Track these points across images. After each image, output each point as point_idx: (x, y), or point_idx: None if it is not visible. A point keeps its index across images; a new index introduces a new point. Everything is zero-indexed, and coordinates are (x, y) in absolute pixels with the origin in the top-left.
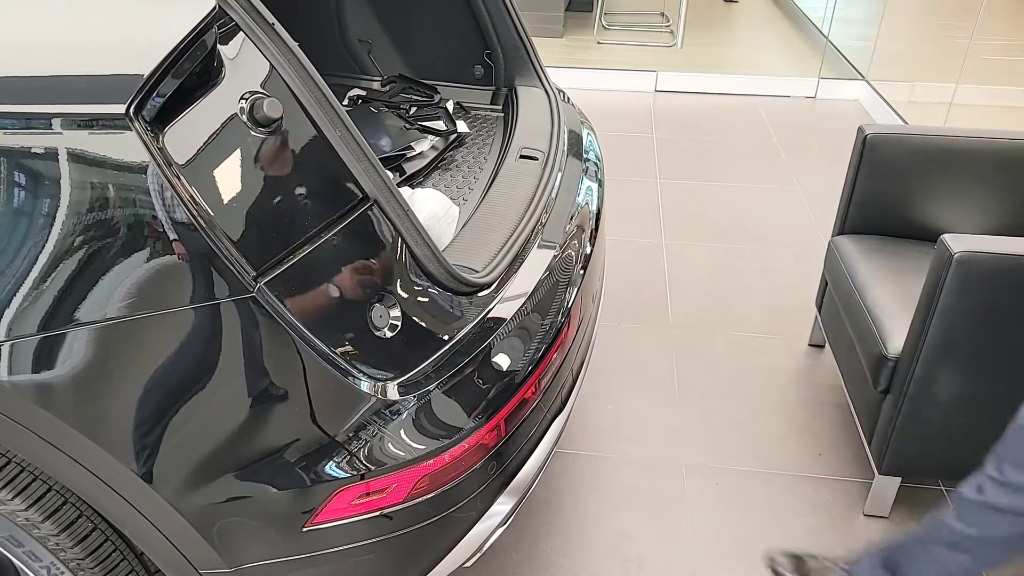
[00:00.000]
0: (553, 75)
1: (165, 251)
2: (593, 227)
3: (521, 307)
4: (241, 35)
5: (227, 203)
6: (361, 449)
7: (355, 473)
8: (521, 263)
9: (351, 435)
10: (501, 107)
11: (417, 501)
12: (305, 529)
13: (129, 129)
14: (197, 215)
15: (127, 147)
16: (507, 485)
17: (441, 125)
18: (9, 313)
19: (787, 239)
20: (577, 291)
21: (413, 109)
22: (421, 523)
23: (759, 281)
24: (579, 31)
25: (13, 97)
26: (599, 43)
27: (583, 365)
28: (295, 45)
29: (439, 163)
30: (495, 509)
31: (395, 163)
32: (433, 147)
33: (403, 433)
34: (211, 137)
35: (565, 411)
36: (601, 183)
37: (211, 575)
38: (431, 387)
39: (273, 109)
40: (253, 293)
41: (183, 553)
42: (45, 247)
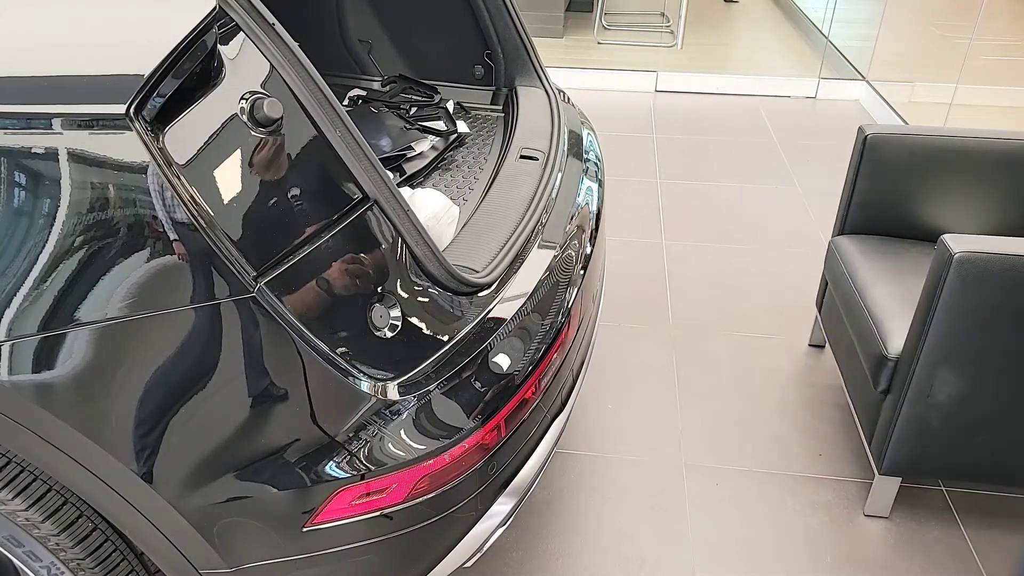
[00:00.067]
0: (553, 75)
1: (165, 251)
2: (593, 227)
3: (521, 307)
4: (241, 35)
5: (227, 203)
6: (361, 449)
7: (355, 473)
8: (521, 263)
9: (351, 435)
10: (501, 107)
11: (417, 501)
12: (305, 529)
13: (129, 129)
14: (197, 215)
15: (127, 147)
16: (507, 485)
17: (441, 125)
18: (9, 313)
19: (787, 239)
20: (577, 291)
21: (413, 109)
22: (421, 523)
23: (759, 281)
24: (579, 31)
25: (13, 97)
26: (599, 43)
27: (583, 365)
28: (295, 45)
29: (439, 163)
30: (495, 509)
31: (395, 163)
32: (433, 147)
33: (403, 433)
34: (211, 137)
35: (565, 411)
36: (601, 183)
37: (211, 575)
38: (431, 387)
39: (273, 109)
40: (253, 293)
41: (183, 553)
42: (45, 247)
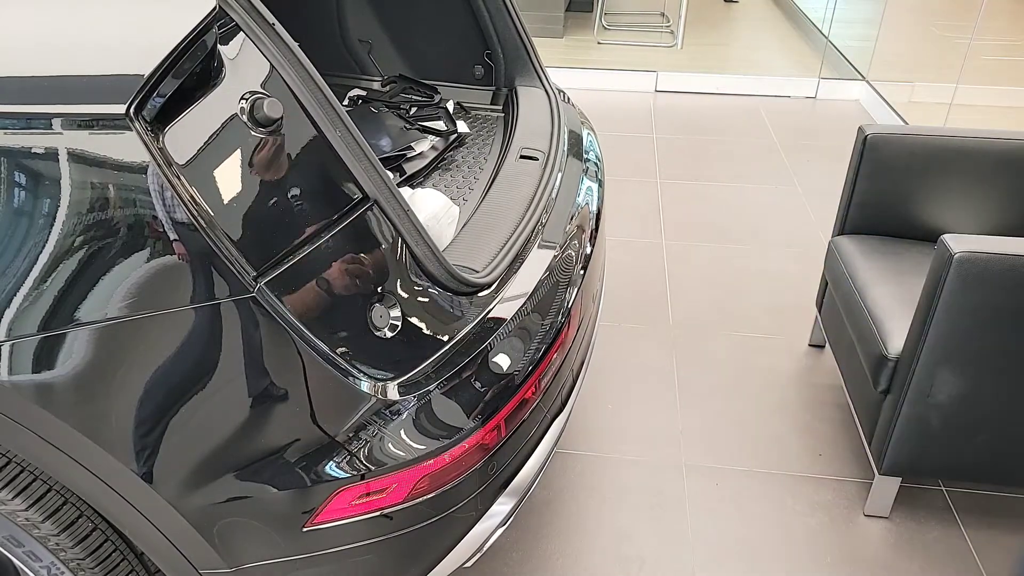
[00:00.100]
0: (553, 75)
1: (165, 251)
2: (593, 227)
3: (521, 307)
4: (241, 35)
5: (227, 203)
6: (361, 449)
7: (355, 473)
8: (521, 263)
9: (351, 435)
10: (501, 107)
11: (417, 501)
12: (305, 529)
13: (129, 129)
14: (197, 215)
15: (127, 147)
16: (507, 485)
17: (441, 125)
18: (9, 313)
19: (787, 239)
20: (577, 291)
21: (413, 109)
22: (421, 523)
23: (759, 281)
24: (579, 31)
25: (13, 97)
26: (599, 43)
27: (583, 365)
28: (295, 45)
29: (439, 163)
30: (495, 509)
31: (395, 163)
32: (433, 147)
33: (403, 433)
34: (211, 137)
35: (565, 411)
36: (601, 183)
37: (211, 575)
38: (431, 387)
39: (273, 109)
40: (253, 293)
41: (183, 553)
42: (45, 247)
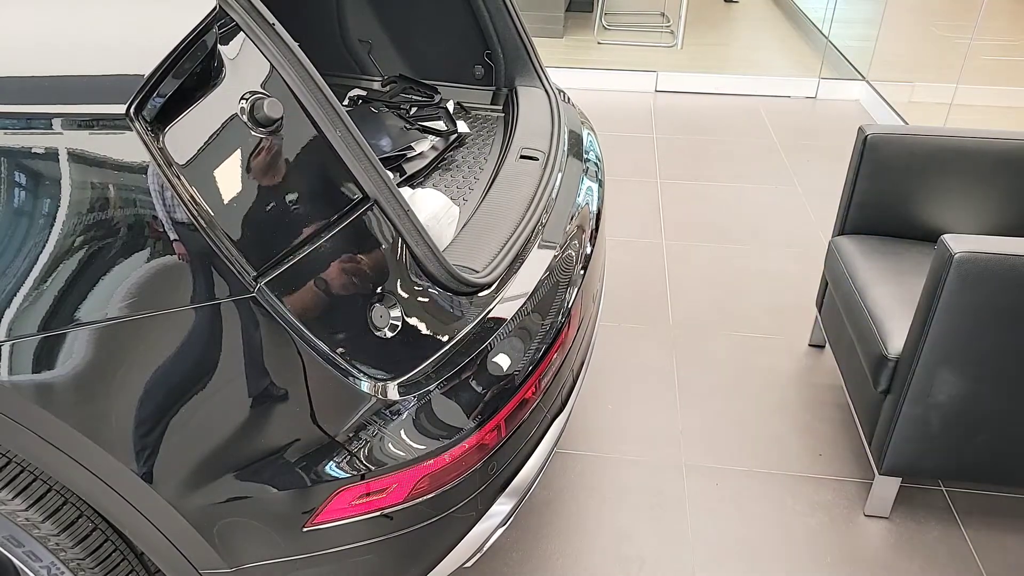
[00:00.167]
0: (553, 75)
1: (165, 251)
2: (593, 227)
3: (521, 307)
4: (241, 35)
5: (227, 203)
6: (361, 449)
7: (355, 473)
8: (521, 263)
9: (351, 435)
10: (501, 107)
11: (417, 501)
12: (305, 529)
13: (129, 129)
14: (197, 215)
15: (127, 147)
16: (507, 485)
17: (441, 125)
18: (10, 313)
19: (787, 239)
20: (577, 291)
21: (413, 109)
22: (421, 523)
23: (759, 281)
24: (579, 31)
25: (13, 97)
26: (599, 43)
27: (583, 365)
28: (295, 45)
29: (439, 163)
30: (495, 509)
31: (395, 163)
32: (433, 147)
33: (403, 433)
34: (211, 137)
35: (565, 411)
36: (601, 183)
37: (211, 575)
38: (431, 387)
39: (273, 109)
40: (253, 293)
41: (183, 553)
42: (46, 247)
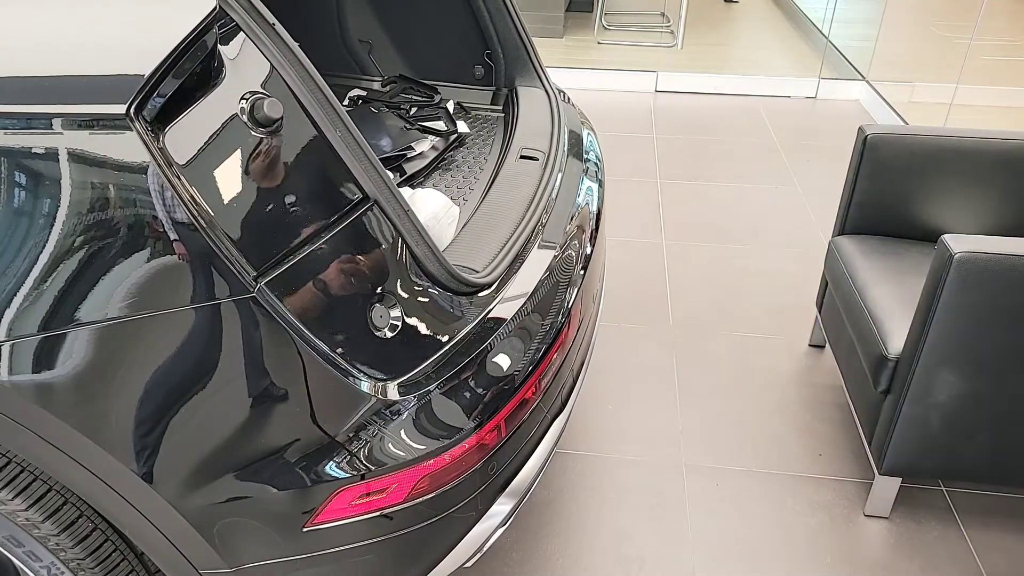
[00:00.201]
0: (553, 75)
1: (165, 251)
2: (593, 227)
3: (521, 307)
4: (241, 35)
5: (227, 203)
6: (361, 449)
7: (355, 473)
8: (521, 263)
9: (351, 435)
10: (501, 107)
11: (417, 501)
12: (305, 529)
13: (130, 129)
14: (197, 215)
15: (128, 147)
16: (507, 485)
17: (441, 125)
18: (10, 313)
19: (787, 239)
20: (577, 291)
21: (413, 109)
22: (421, 523)
23: (759, 281)
24: (579, 31)
25: (13, 97)
26: (599, 43)
27: (583, 365)
28: (295, 45)
29: (439, 163)
30: (495, 509)
31: (395, 163)
32: (433, 147)
33: (403, 433)
34: (211, 137)
35: (565, 411)
36: (601, 183)
37: (211, 575)
38: (431, 387)
39: (273, 109)
40: (253, 293)
41: (183, 553)
42: (46, 247)
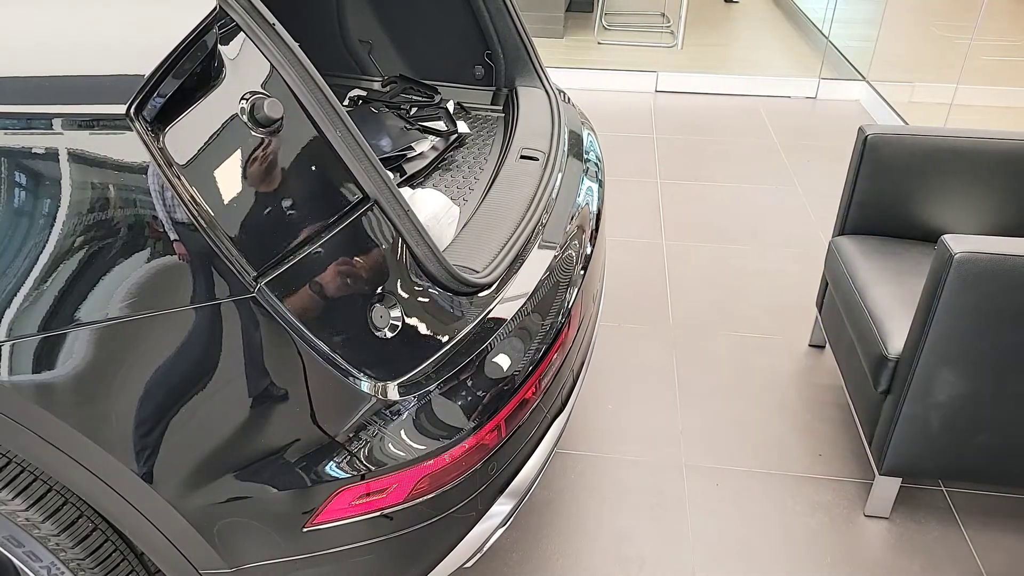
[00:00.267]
0: (553, 75)
1: (166, 251)
2: (593, 227)
3: (521, 307)
4: (242, 35)
5: (227, 203)
6: (361, 449)
7: (355, 473)
8: (521, 264)
9: (351, 435)
10: (501, 107)
11: (417, 501)
12: (305, 529)
13: (130, 129)
14: (198, 215)
15: (128, 147)
16: (507, 486)
17: (442, 125)
18: (10, 313)
19: (787, 239)
20: (577, 291)
21: (414, 109)
22: (421, 523)
23: (759, 281)
24: (579, 31)
25: (13, 97)
26: (599, 43)
27: (583, 365)
28: (296, 45)
29: (439, 163)
30: (495, 510)
31: (395, 163)
32: (433, 147)
33: (403, 433)
34: (212, 137)
35: (565, 411)
36: (601, 183)
37: (211, 575)
38: (431, 387)
39: (274, 109)
40: (254, 293)
41: (183, 553)
42: (46, 247)
